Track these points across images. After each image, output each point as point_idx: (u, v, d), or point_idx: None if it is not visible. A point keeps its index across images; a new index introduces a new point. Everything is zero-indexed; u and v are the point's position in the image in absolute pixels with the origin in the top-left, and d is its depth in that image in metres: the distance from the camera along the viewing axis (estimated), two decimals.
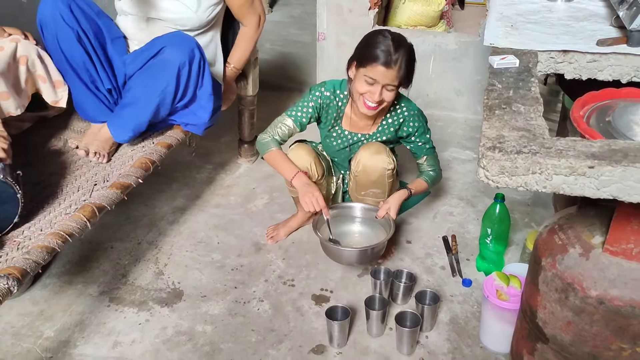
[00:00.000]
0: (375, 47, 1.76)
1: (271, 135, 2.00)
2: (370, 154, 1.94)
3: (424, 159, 2.05)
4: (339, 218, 2.05)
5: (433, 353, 1.72)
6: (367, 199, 2.06)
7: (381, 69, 1.76)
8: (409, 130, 1.99)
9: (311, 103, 1.97)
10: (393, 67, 1.76)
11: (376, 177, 1.96)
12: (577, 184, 1.05)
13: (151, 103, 1.94)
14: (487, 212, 1.98)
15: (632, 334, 1.25)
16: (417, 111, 2.01)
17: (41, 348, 1.73)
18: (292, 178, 1.92)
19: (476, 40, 2.96)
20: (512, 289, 1.65)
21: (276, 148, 1.97)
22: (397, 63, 1.76)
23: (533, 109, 1.23)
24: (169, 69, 1.89)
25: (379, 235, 2.00)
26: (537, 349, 1.45)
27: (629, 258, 1.25)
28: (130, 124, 1.98)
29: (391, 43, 1.76)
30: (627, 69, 1.50)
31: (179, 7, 2.01)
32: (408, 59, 1.79)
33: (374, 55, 1.76)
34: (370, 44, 1.79)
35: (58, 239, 1.55)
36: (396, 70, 1.77)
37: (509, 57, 1.46)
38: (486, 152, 1.08)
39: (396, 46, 1.76)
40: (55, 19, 1.87)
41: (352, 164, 2.00)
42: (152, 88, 1.92)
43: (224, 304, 1.91)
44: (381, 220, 2.00)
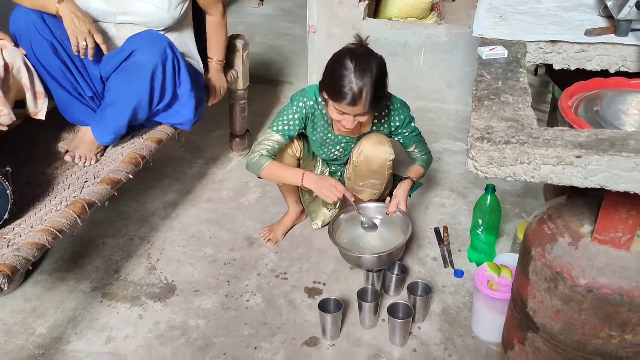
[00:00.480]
0: (340, 85, 1.70)
1: (259, 152, 1.93)
2: (373, 144, 1.94)
3: (413, 146, 2.05)
4: (354, 220, 2.02)
5: (425, 344, 1.73)
6: (365, 190, 2.06)
7: (347, 107, 1.73)
8: (397, 124, 2.00)
9: (296, 115, 1.93)
10: (359, 103, 1.71)
11: (377, 167, 1.96)
12: (564, 174, 1.06)
13: (127, 106, 1.91)
14: (478, 203, 1.99)
15: (620, 321, 1.27)
16: (400, 103, 2.00)
17: (34, 345, 1.73)
18: (301, 181, 1.88)
19: (467, 32, 2.96)
20: (503, 279, 1.66)
21: (269, 161, 1.91)
22: (362, 98, 1.70)
23: (521, 99, 1.23)
24: (142, 72, 1.87)
25: (396, 234, 1.98)
26: (527, 338, 1.46)
27: (617, 246, 1.26)
28: (111, 126, 1.96)
29: (354, 78, 1.68)
30: (615, 59, 1.50)
31: (149, 8, 1.96)
32: (375, 87, 1.72)
33: (339, 93, 1.71)
34: (336, 78, 1.72)
35: (48, 235, 1.55)
36: (362, 104, 1.72)
37: (498, 48, 1.46)
38: (475, 143, 1.09)
39: (359, 78, 1.69)
40: (29, 30, 1.82)
41: (354, 154, 1.99)
42: (127, 91, 1.90)
43: (216, 298, 1.91)
44: (397, 219, 1.98)
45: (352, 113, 1.75)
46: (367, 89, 1.70)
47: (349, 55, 1.73)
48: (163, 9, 1.97)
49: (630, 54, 1.50)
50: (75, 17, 1.79)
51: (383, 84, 1.77)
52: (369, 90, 1.70)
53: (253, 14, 4.75)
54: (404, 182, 1.99)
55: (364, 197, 2.09)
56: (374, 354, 1.70)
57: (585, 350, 1.34)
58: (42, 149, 2.01)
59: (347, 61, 1.71)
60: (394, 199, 1.96)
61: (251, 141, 2.82)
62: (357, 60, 1.71)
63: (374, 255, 1.85)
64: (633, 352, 1.32)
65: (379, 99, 1.77)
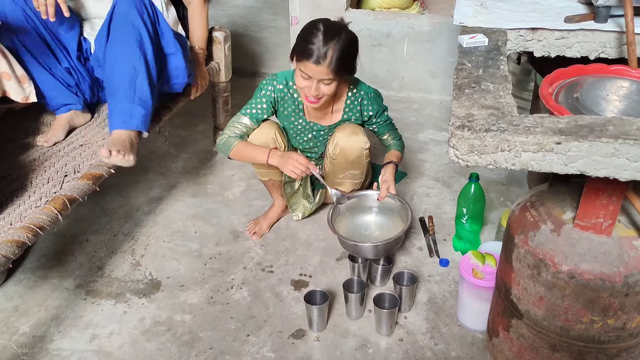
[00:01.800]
0: (307, 43, 1.72)
1: (228, 134, 1.97)
2: (347, 135, 1.94)
3: (387, 134, 2.05)
4: (353, 210, 2.03)
5: (412, 333, 1.74)
6: (345, 182, 2.06)
7: (312, 65, 1.72)
8: (370, 114, 1.99)
9: (264, 99, 1.95)
10: (322, 63, 1.71)
11: (354, 158, 1.96)
12: (545, 160, 1.06)
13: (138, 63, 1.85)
14: (462, 192, 2.00)
15: (603, 306, 1.28)
16: (373, 93, 2.00)
17: (17, 344, 1.71)
18: (267, 159, 1.91)
19: (450, 22, 2.96)
20: (488, 267, 1.67)
21: (238, 141, 1.95)
22: (327, 58, 1.71)
23: (502, 87, 1.23)
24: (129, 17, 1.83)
25: (396, 223, 1.98)
26: (512, 324, 1.47)
27: (599, 232, 1.27)
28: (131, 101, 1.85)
29: (322, 37, 1.70)
30: (595, 45, 1.51)
31: None
32: (341, 52, 1.72)
33: (305, 51, 1.72)
34: (304, 38, 1.75)
35: (28, 232, 1.52)
36: (326, 66, 1.72)
37: (478, 36, 1.46)
38: (455, 131, 1.08)
39: (327, 40, 1.70)
40: (14, 12, 1.80)
41: (329, 147, 1.99)
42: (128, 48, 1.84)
43: (202, 292, 1.90)
44: (396, 207, 1.98)
45: (316, 77, 1.75)
46: (332, 50, 1.71)
47: (321, 21, 1.77)
48: None
49: (609, 40, 1.51)
50: None
51: (350, 53, 1.78)
52: (335, 52, 1.71)
53: (236, 5, 4.70)
54: (388, 167, 1.98)
55: (346, 189, 2.09)
56: (361, 345, 1.71)
57: (568, 335, 1.35)
58: (19, 143, 1.98)
59: (319, 24, 1.75)
60: (382, 184, 1.96)
61: None
62: (328, 26, 1.74)
63: (372, 244, 1.83)
64: (615, 337, 1.33)
65: (344, 65, 1.76)
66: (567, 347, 1.37)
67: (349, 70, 1.82)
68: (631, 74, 1.36)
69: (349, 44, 1.76)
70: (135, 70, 1.85)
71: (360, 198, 2.03)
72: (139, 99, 1.87)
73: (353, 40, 1.79)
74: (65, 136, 2.02)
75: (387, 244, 1.82)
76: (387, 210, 2.02)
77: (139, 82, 1.87)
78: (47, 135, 1.99)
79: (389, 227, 1.99)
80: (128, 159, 1.79)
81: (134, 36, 1.84)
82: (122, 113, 1.85)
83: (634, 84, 1.31)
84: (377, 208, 2.04)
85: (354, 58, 1.82)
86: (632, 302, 1.27)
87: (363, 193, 2.04)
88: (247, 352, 1.68)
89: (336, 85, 1.81)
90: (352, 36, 1.79)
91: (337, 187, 2.08)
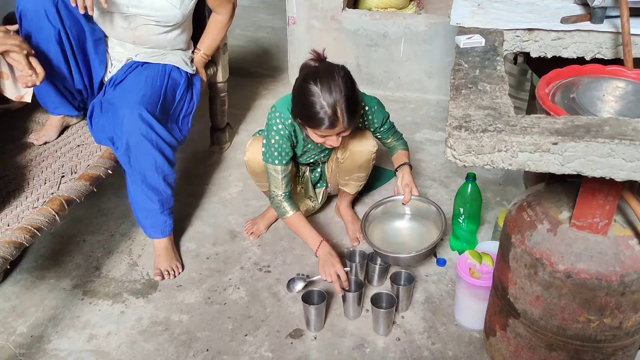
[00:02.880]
0: (313, 112, 1.64)
1: (280, 194, 1.88)
2: (357, 139, 1.93)
3: (391, 138, 2.04)
4: (385, 215, 2.03)
5: (409, 332, 1.74)
6: (350, 183, 2.06)
7: (328, 130, 1.67)
8: (375, 126, 1.96)
9: (281, 140, 1.83)
10: (337, 124, 1.65)
11: (362, 162, 1.96)
12: (542, 161, 1.07)
13: (162, 186, 1.93)
14: (459, 192, 2.00)
15: (599, 305, 1.29)
16: (377, 105, 1.94)
17: (14, 344, 1.71)
18: (316, 249, 1.85)
19: (446, 22, 2.94)
20: (485, 267, 1.67)
21: (293, 212, 1.88)
22: (339, 117, 1.64)
23: (499, 87, 1.24)
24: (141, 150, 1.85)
25: (429, 228, 1.97)
26: (509, 324, 1.47)
27: (595, 232, 1.28)
28: (162, 214, 1.97)
29: (324, 102, 1.61)
30: (591, 46, 1.52)
31: (162, 3, 1.91)
32: (348, 104, 1.64)
33: (313, 122, 1.66)
34: (307, 108, 1.65)
35: (26, 233, 1.52)
36: (342, 123, 1.65)
37: (475, 37, 1.46)
38: (453, 132, 1.09)
39: (330, 99, 1.61)
40: (37, 14, 1.77)
41: (339, 151, 1.98)
42: (150, 183, 1.91)
43: (199, 292, 1.90)
44: (431, 213, 1.97)
45: (334, 134, 1.71)
46: (340, 107, 1.63)
47: (311, 78, 1.64)
48: (175, 5, 1.92)
49: (605, 41, 1.52)
50: None
51: (354, 94, 1.69)
52: (344, 108, 1.63)
53: None
54: (404, 169, 1.96)
55: (350, 190, 2.09)
56: (359, 344, 1.71)
57: (565, 334, 1.36)
58: (16, 144, 1.98)
59: (312, 86, 1.63)
60: (404, 187, 1.93)
61: (232, 135, 2.81)
62: (322, 81, 1.63)
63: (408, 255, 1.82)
64: (612, 336, 1.34)
65: (356, 111, 1.70)
66: (563, 346, 1.38)
67: (360, 110, 1.76)
68: (627, 74, 1.37)
69: (350, 88, 1.66)
70: (160, 192, 1.93)
71: (389, 204, 2.03)
72: (167, 210, 1.98)
73: (349, 78, 1.68)
74: (58, 135, 2.02)
75: (423, 253, 1.83)
76: (418, 216, 2.02)
77: (165, 199, 1.96)
78: (39, 134, 1.98)
79: (422, 233, 1.98)
80: (178, 272, 1.99)
81: (152, 164, 1.87)
82: (156, 225, 1.97)
83: (630, 84, 1.32)
84: (409, 214, 2.04)
85: (357, 93, 1.72)
86: (629, 301, 1.28)
87: (392, 199, 2.03)
88: (245, 352, 1.69)
89: (359, 116, 1.78)
90: (345, 73, 1.68)
91: (341, 187, 2.08)
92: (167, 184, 1.93)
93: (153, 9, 1.91)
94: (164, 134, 1.87)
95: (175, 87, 2.06)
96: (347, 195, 2.15)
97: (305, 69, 1.71)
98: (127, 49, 2.01)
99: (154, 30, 1.96)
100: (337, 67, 1.68)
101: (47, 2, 1.79)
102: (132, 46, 2.00)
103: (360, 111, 1.77)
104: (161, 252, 1.99)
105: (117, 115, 1.81)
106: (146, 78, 1.93)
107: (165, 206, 1.95)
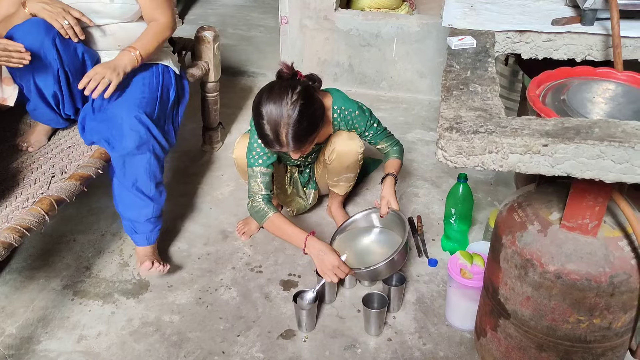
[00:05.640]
0: (262, 134, 1.68)
1: (259, 195, 1.87)
2: (343, 139, 1.92)
3: (382, 143, 2.02)
4: (351, 235, 1.98)
5: (400, 333, 1.75)
6: (339, 184, 2.06)
7: (278, 149, 1.70)
8: (360, 130, 1.95)
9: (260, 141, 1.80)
10: (284, 147, 1.67)
11: (350, 162, 1.96)
12: (532, 162, 1.07)
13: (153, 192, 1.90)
14: (451, 192, 2.01)
15: (589, 306, 1.29)
16: (359, 110, 1.91)
17: (3, 345, 1.69)
18: (304, 247, 1.78)
19: (438, 22, 2.95)
20: (476, 267, 1.68)
21: (273, 213, 1.84)
22: (284, 142, 1.66)
23: (490, 89, 1.24)
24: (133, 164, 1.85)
25: (396, 239, 1.91)
26: (499, 324, 1.48)
27: (585, 233, 1.29)
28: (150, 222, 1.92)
29: (269, 128, 1.64)
30: (581, 48, 1.53)
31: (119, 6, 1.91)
32: (294, 132, 1.64)
33: (264, 141, 1.70)
34: (257, 127, 1.69)
35: (15, 233, 1.51)
36: (287, 146, 1.67)
37: (467, 38, 1.47)
38: (444, 133, 1.09)
39: (274, 126, 1.64)
40: (35, 55, 1.72)
41: (325, 153, 1.98)
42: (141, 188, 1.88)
43: (190, 293, 1.90)
44: (391, 222, 1.93)
45: (288, 152, 1.73)
46: (285, 133, 1.64)
47: (264, 98, 1.67)
48: (131, 2, 1.92)
49: (595, 43, 1.53)
50: (46, 4, 1.75)
51: (305, 122, 1.65)
52: (288, 134, 1.64)
53: (225, 5, 4.69)
54: (387, 180, 1.92)
55: (340, 191, 2.09)
56: (350, 345, 1.71)
57: (555, 335, 1.37)
58: (7, 145, 1.96)
59: (261, 109, 1.66)
60: (382, 199, 1.90)
61: (224, 134, 2.80)
62: (270, 106, 1.64)
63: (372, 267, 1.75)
64: (601, 336, 1.35)
65: (305, 137, 1.68)
66: (553, 346, 1.39)
67: (312, 133, 1.71)
68: (617, 76, 1.38)
69: (298, 116, 1.63)
70: (149, 198, 1.90)
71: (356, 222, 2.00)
72: (155, 218, 1.93)
73: (302, 106, 1.64)
74: (48, 139, 2.00)
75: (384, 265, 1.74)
76: (385, 230, 1.98)
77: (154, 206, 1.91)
78: (31, 140, 1.96)
79: (388, 243, 1.92)
80: (165, 268, 1.89)
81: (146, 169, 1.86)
82: (143, 232, 1.92)
83: (620, 86, 1.33)
84: (373, 227, 2.00)
85: (311, 122, 1.69)
86: (618, 301, 1.29)
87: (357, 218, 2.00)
88: (236, 352, 1.68)
89: (312, 140, 1.74)
90: (298, 97, 1.64)
91: (331, 189, 2.09)
92: (158, 191, 1.91)
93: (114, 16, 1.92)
94: (160, 138, 1.87)
95: (169, 87, 2.05)
96: (338, 196, 2.15)
97: (269, 83, 1.72)
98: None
99: (130, 28, 1.96)
100: (291, 87, 1.66)
101: (46, 41, 1.75)
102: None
103: (313, 134, 1.72)
104: (143, 260, 1.89)
105: (115, 118, 1.80)
106: (143, 79, 1.93)
107: (153, 213, 1.91)
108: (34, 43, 1.73)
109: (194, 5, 4.67)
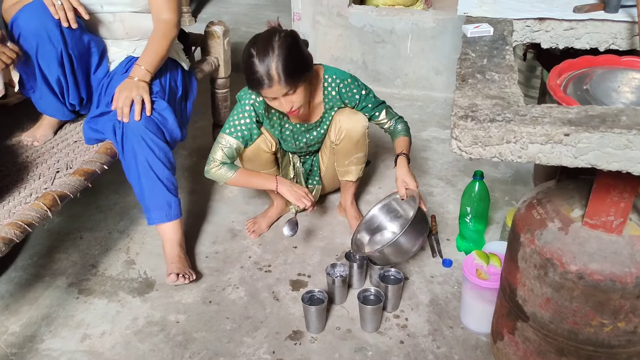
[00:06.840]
0: (250, 74, 1.67)
1: (219, 160, 1.88)
2: (347, 115, 1.89)
3: (383, 114, 1.95)
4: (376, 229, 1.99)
5: (413, 335, 1.68)
6: (351, 168, 1.99)
7: (267, 90, 1.67)
8: (355, 101, 1.91)
9: (246, 114, 1.86)
10: (274, 84, 1.65)
11: (358, 138, 1.90)
12: (553, 153, 1.00)
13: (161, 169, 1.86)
14: (466, 191, 1.94)
15: (613, 309, 1.22)
16: (351, 79, 1.90)
17: (6, 344, 1.66)
18: (275, 188, 1.87)
19: (454, 18, 2.90)
20: (492, 268, 1.61)
21: (235, 170, 1.88)
22: (275, 76, 1.64)
23: (507, 76, 1.18)
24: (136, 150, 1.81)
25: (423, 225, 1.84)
26: (517, 327, 1.41)
27: (609, 231, 1.21)
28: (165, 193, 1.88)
29: (258, 62, 1.63)
30: (605, 36, 1.45)
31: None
32: (283, 62, 1.63)
33: (253, 82, 1.68)
34: (246, 70, 1.69)
35: (16, 229, 1.48)
36: (278, 83, 1.65)
37: (483, 26, 1.40)
38: (458, 122, 1.03)
39: (263, 61, 1.63)
40: (39, 36, 1.71)
41: (332, 135, 1.93)
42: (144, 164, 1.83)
43: (197, 292, 1.85)
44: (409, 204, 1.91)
45: (278, 95, 1.69)
46: (275, 66, 1.63)
47: (251, 42, 1.69)
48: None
49: (620, 31, 1.45)
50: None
51: (292, 55, 1.66)
52: (277, 67, 1.63)
53: (238, 3, 4.67)
54: (399, 161, 1.86)
55: (352, 177, 2.01)
56: (361, 347, 1.65)
57: (576, 339, 1.29)
58: (13, 139, 1.94)
59: (250, 49, 1.67)
60: (399, 182, 1.84)
61: None
62: (258, 44, 1.66)
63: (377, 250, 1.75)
64: (626, 341, 1.27)
65: (294, 71, 1.67)
66: (575, 351, 1.31)
67: (302, 70, 1.70)
68: None
69: (287, 50, 1.65)
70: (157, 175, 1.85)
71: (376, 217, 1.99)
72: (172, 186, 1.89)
73: (289, 42, 1.67)
74: (55, 133, 1.97)
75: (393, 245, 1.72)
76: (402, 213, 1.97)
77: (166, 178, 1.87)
78: (37, 135, 1.93)
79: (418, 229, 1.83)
80: (192, 277, 1.84)
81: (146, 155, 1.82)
82: (160, 206, 1.86)
83: None
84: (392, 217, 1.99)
85: (299, 57, 1.70)
86: None
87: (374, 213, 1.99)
88: (243, 353, 1.63)
89: (303, 88, 1.73)
90: (286, 35, 1.68)
91: (343, 177, 2.02)
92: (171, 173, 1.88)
93: (125, 3, 1.89)
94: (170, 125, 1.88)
95: (177, 80, 2.02)
96: (351, 187, 2.08)
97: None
98: (123, 47, 1.97)
99: (140, 18, 1.93)
100: (278, 30, 1.70)
101: (50, 23, 1.73)
102: (127, 43, 1.97)
103: (305, 74, 1.72)
104: (167, 248, 1.87)
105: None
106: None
107: (167, 183, 1.86)
108: (39, 23, 1.71)
109: (207, 4, 4.65)
